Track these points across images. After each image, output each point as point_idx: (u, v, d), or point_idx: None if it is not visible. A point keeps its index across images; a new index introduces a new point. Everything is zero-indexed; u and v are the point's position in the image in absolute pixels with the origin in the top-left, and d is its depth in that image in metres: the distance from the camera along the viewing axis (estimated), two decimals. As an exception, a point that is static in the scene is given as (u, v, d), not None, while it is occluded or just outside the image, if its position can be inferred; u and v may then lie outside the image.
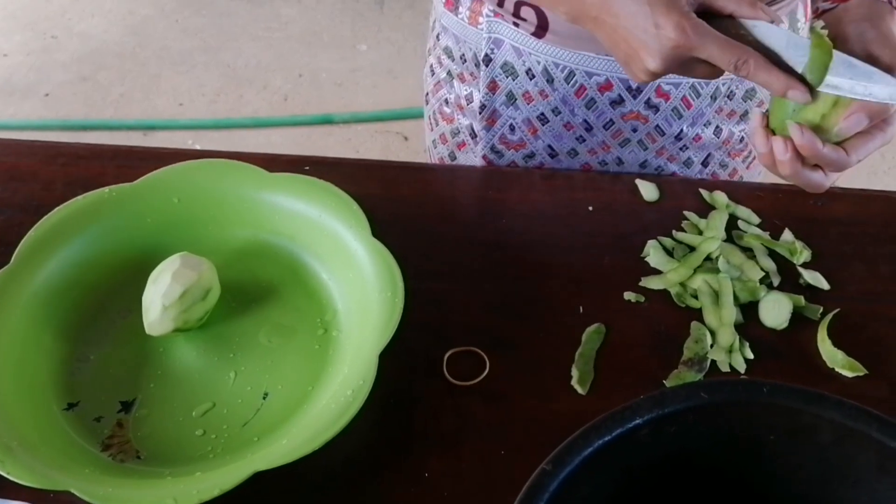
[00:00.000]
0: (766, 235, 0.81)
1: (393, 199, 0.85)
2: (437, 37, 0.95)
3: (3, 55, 2.60)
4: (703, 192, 0.85)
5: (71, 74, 2.54)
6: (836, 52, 0.61)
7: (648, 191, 0.86)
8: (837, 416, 0.45)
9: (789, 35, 0.62)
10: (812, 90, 0.61)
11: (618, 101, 0.87)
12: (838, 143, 0.65)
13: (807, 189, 0.69)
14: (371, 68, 2.58)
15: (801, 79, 0.61)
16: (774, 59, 0.61)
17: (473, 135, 0.96)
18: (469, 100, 0.93)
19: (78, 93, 2.48)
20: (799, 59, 0.61)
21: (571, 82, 0.86)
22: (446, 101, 0.97)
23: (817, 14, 0.74)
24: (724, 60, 0.61)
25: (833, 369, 0.72)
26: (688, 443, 0.48)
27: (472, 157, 0.98)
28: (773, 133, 0.66)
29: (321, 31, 2.71)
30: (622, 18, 0.64)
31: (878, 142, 0.65)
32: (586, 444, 0.44)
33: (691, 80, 0.86)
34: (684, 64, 0.63)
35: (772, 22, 0.61)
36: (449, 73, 0.95)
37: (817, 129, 0.64)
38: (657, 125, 0.89)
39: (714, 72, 0.63)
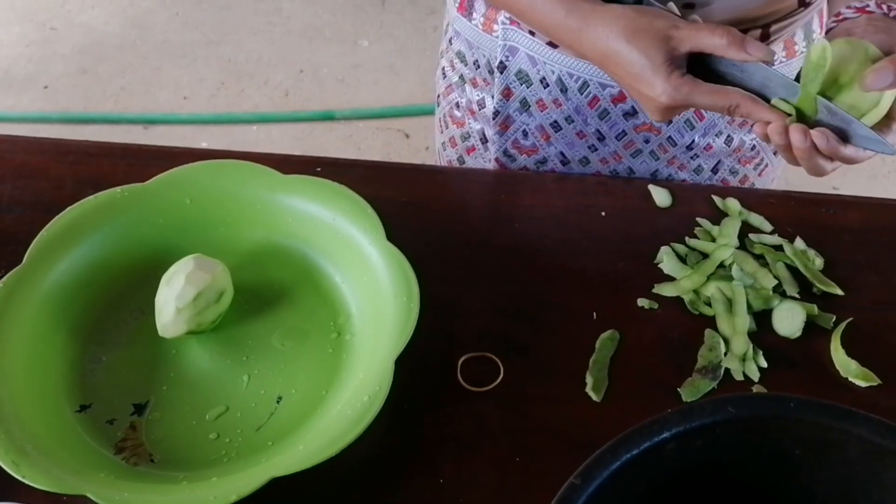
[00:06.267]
0: (778, 243, 0.81)
1: (405, 202, 0.84)
2: (450, 41, 0.94)
3: (2, 46, 2.58)
4: (716, 199, 0.85)
5: (71, 67, 2.52)
6: (819, 99, 0.65)
7: (661, 197, 0.86)
8: (865, 433, 0.45)
9: (782, 77, 0.66)
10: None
11: (631, 113, 0.87)
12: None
13: (809, 173, 0.69)
14: (372, 64, 2.57)
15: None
16: (763, 95, 0.67)
17: (484, 140, 0.95)
18: (481, 105, 0.93)
19: (78, 85, 2.46)
20: (791, 97, 0.66)
21: (585, 93, 0.86)
22: (457, 105, 0.97)
23: (838, 18, 0.73)
24: (716, 108, 0.66)
25: (847, 379, 0.72)
26: (713, 456, 0.48)
27: (483, 162, 0.97)
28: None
29: (323, 26, 2.70)
30: (620, 79, 0.70)
31: None
32: (614, 457, 0.44)
33: None
34: (688, 108, 0.69)
35: (765, 61, 0.65)
36: (461, 77, 0.94)
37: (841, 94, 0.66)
38: (669, 136, 0.89)
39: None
